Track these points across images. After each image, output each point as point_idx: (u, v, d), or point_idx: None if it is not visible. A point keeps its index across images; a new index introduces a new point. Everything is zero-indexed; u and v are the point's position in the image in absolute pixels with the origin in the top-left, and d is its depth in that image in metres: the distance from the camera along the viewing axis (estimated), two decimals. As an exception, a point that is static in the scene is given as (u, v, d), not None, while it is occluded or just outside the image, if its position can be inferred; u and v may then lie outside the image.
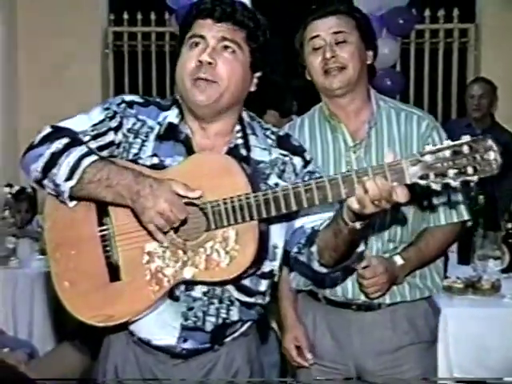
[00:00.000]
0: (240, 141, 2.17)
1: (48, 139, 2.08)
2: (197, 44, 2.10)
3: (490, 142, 1.77)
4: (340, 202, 1.95)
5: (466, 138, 1.78)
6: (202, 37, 2.09)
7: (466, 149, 1.77)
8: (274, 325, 3.87)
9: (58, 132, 2.11)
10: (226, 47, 2.09)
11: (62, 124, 2.14)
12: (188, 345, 2.17)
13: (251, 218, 1.98)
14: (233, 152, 2.14)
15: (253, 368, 2.27)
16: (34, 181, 2.12)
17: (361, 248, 2.09)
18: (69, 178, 2.02)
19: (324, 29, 2.51)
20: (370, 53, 2.59)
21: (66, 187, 2.04)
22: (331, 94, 2.56)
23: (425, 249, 2.60)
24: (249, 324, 2.25)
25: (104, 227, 2.11)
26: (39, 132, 2.13)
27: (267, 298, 2.22)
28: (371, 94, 2.62)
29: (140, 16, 7.41)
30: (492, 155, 1.75)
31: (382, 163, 1.86)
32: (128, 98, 2.21)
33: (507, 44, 6.78)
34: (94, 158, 2.03)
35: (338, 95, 2.55)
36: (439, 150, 1.79)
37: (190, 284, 2.11)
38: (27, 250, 4.76)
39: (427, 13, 7.22)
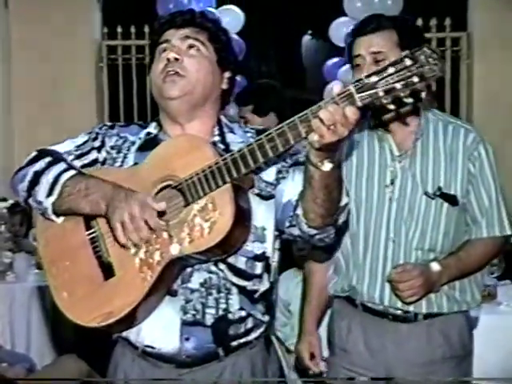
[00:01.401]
0: (217, 138, 2.24)
1: (33, 161, 2.22)
2: (164, 48, 2.21)
3: (428, 50, 1.82)
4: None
5: (406, 52, 1.84)
6: (167, 41, 2.22)
7: (408, 61, 1.82)
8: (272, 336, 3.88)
9: (42, 154, 2.23)
10: (190, 46, 2.20)
11: (48, 147, 2.27)
12: (191, 344, 2.17)
13: (224, 182, 2.03)
14: None
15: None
16: (22, 201, 2.24)
17: (344, 201, 2.11)
18: (49, 194, 2.13)
19: (364, 47, 2.55)
20: None
21: (47, 203, 2.14)
22: None
23: (465, 259, 2.60)
24: (255, 335, 2.25)
25: (92, 230, 2.17)
26: (28, 156, 2.26)
27: (265, 283, 2.24)
28: (419, 105, 2.62)
29: (134, 29, 7.42)
30: (432, 60, 1.80)
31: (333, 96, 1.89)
32: (109, 123, 2.36)
33: (499, 53, 6.80)
34: (72, 172, 2.15)
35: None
36: (383, 69, 1.84)
37: (179, 263, 2.12)
38: (24, 264, 4.77)
39: (419, 22, 7.24)
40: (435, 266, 2.54)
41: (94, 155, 2.26)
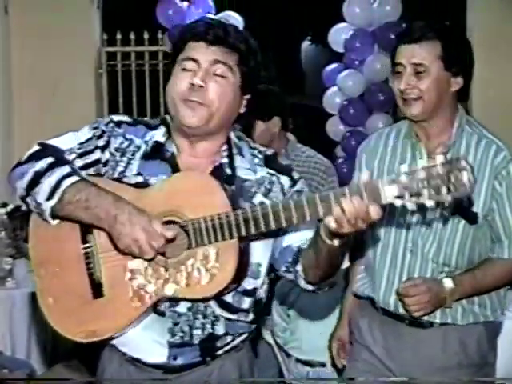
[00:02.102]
0: (225, 160, 2.20)
1: (34, 157, 2.13)
2: (190, 66, 2.13)
3: (463, 163, 1.80)
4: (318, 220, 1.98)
5: (441, 159, 1.81)
6: (194, 60, 2.12)
7: (440, 169, 1.80)
8: (271, 340, 3.89)
9: (43, 150, 2.15)
10: (217, 71, 2.12)
11: (50, 142, 2.19)
12: (179, 361, 2.18)
13: (231, 237, 2.01)
14: (218, 171, 2.17)
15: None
16: (19, 197, 2.16)
17: (345, 265, 2.14)
18: (49, 198, 2.07)
19: (406, 57, 2.56)
20: (459, 79, 2.59)
21: (46, 206, 2.08)
22: (412, 120, 2.64)
23: (480, 278, 2.59)
24: (241, 338, 2.25)
25: (87, 244, 2.14)
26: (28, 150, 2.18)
27: (251, 315, 2.23)
28: (457, 116, 2.63)
29: (133, 36, 7.43)
30: (465, 175, 1.79)
31: (358, 183, 1.89)
32: (116, 118, 2.25)
33: (499, 55, 6.80)
34: (75, 178, 2.07)
35: (416, 121, 2.62)
36: (415, 171, 1.82)
37: (173, 299, 2.13)
38: (23, 270, 4.75)
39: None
40: (448, 283, 2.54)
41: (96, 155, 2.19)
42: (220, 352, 2.22)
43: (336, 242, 1.96)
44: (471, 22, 7.09)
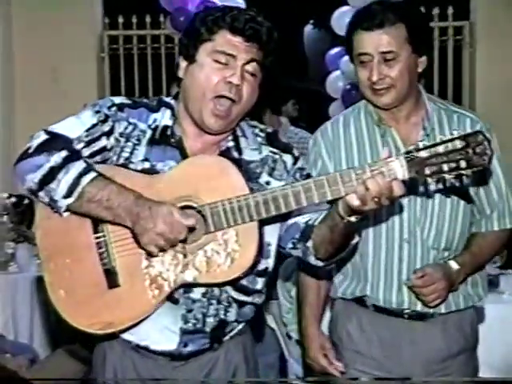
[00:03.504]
0: (231, 143, 2.19)
1: (44, 148, 2.08)
2: (224, 60, 2.09)
3: (481, 137, 1.83)
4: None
5: (459, 133, 1.84)
6: (232, 56, 2.08)
7: (459, 143, 1.83)
8: (274, 325, 3.90)
9: (53, 140, 2.10)
10: (250, 69, 2.10)
11: (56, 129, 2.13)
12: (189, 349, 2.18)
13: (251, 219, 2.00)
14: (225, 154, 2.16)
15: (249, 365, 2.30)
16: (27, 189, 2.11)
17: (355, 239, 2.12)
18: (67, 196, 2.04)
19: (372, 46, 2.41)
20: (423, 58, 2.49)
21: (63, 203, 2.06)
22: (379, 107, 2.54)
23: (478, 254, 2.57)
24: (245, 323, 2.26)
25: (99, 234, 2.10)
26: (33, 137, 2.12)
27: (263, 297, 2.24)
28: (423, 95, 2.56)
29: (135, 19, 7.41)
30: (483, 149, 1.81)
31: (377, 160, 1.90)
32: (117, 100, 2.21)
33: (502, 41, 6.78)
34: (93, 175, 2.05)
35: (387, 109, 2.52)
36: (434, 146, 1.84)
37: (188, 286, 2.11)
38: (26, 254, 4.75)
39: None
40: (454, 265, 2.50)
41: (103, 142, 2.14)
42: (227, 338, 2.22)
43: (354, 218, 1.97)
44: (474, 7, 7.07)
